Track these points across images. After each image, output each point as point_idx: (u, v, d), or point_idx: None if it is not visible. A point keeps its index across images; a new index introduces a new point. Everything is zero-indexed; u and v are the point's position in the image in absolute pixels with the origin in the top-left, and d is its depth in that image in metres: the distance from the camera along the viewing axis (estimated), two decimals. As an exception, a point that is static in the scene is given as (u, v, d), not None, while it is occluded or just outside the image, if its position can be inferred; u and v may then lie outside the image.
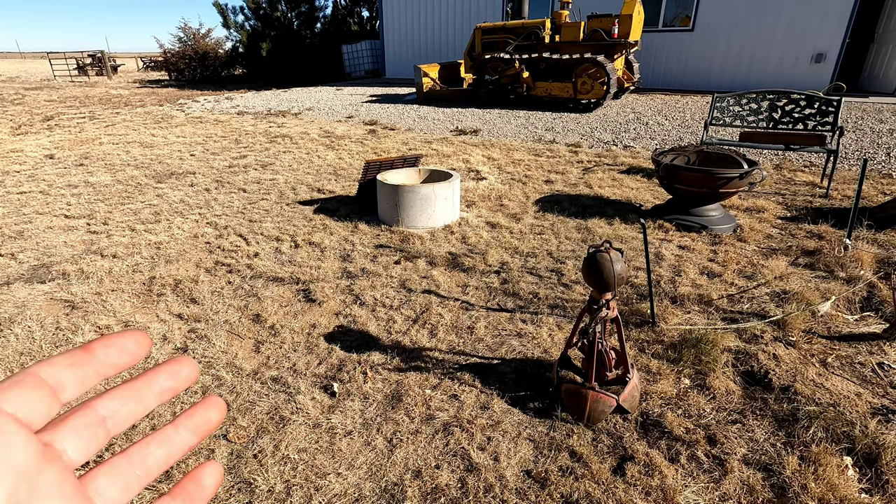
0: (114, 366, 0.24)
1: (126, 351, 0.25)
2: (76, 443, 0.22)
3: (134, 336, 0.25)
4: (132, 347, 0.25)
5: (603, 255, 1.58)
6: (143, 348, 0.25)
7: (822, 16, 8.91)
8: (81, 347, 0.24)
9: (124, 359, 0.24)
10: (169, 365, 0.26)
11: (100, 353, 0.24)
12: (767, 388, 1.87)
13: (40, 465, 0.20)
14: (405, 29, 14.28)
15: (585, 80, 7.66)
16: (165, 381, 0.26)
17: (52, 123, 8.24)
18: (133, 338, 0.25)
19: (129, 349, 0.25)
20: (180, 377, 0.26)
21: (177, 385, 0.26)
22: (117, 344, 0.24)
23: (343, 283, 2.71)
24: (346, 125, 7.73)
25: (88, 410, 0.23)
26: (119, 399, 0.24)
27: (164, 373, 0.26)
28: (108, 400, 0.24)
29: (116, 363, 0.24)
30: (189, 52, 17.75)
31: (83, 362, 0.23)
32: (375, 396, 1.86)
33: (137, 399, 0.25)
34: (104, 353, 0.24)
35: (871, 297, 2.47)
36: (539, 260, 2.97)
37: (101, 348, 0.24)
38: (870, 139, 5.59)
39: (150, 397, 0.25)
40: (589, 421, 1.69)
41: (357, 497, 1.47)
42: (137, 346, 0.25)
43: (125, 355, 0.25)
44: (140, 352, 0.25)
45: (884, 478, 1.48)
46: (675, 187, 3.33)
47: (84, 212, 3.86)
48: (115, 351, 0.24)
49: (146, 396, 0.25)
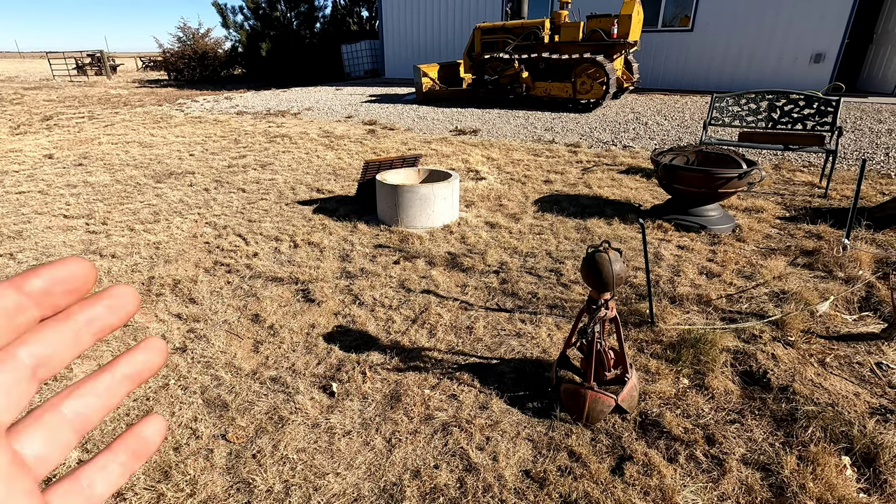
0: (55, 307, 0.21)
1: (71, 288, 0.21)
2: (3, 399, 0.19)
3: (76, 265, 0.21)
4: (77, 282, 0.21)
5: (602, 255, 1.58)
6: (89, 282, 0.22)
7: (821, 16, 8.92)
8: (10, 282, 0.20)
9: (68, 298, 0.21)
10: (105, 298, 0.22)
11: (36, 290, 0.20)
12: (766, 387, 1.87)
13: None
14: (404, 29, 14.28)
15: (585, 80, 7.66)
16: (104, 316, 0.22)
17: (51, 123, 8.23)
18: (74, 266, 0.21)
19: (75, 285, 0.21)
20: (120, 311, 0.23)
21: (114, 321, 0.22)
22: (59, 279, 0.21)
23: (342, 283, 2.71)
24: (345, 125, 7.72)
25: (12, 360, 0.20)
26: (47, 342, 0.21)
27: (102, 306, 0.22)
28: (33, 345, 0.20)
29: (58, 304, 0.21)
30: (188, 52, 17.73)
31: (15, 307, 0.19)
32: (374, 396, 1.86)
33: (71, 341, 0.21)
34: (43, 290, 0.20)
35: (869, 297, 2.47)
36: (538, 260, 2.97)
37: (35, 283, 0.20)
38: (868, 139, 5.60)
39: (85, 337, 0.22)
40: (588, 421, 1.69)
41: (356, 497, 1.47)
42: (84, 279, 0.21)
43: (69, 294, 0.21)
44: (85, 287, 0.21)
45: (882, 477, 1.48)
46: (674, 187, 3.33)
47: (83, 212, 3.86)
48: (55, 288, 0.20)
49: (80, 338, 0.21)
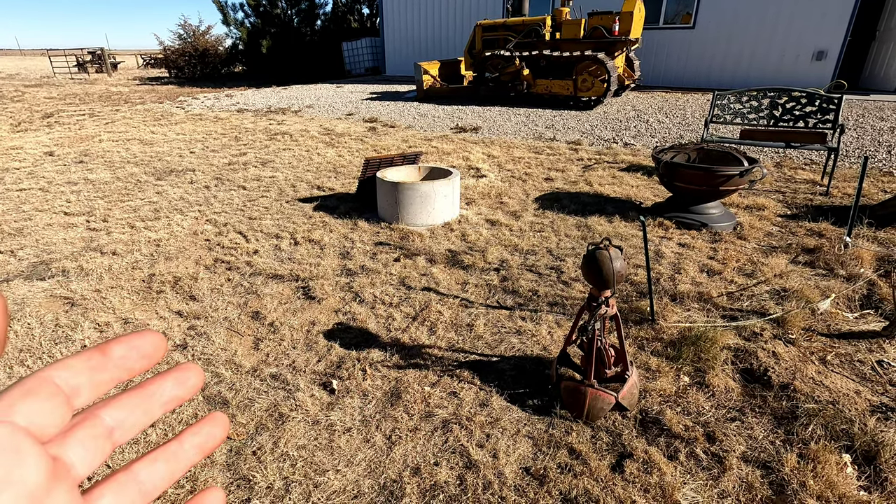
0: (129, 370, 0.23)
1: (143, 354, 0.23)
2: (83, 455, 0.21)
3: (151, 337, 0.24)
4: (149, 349, 0.24)
5: (602, 253, 1.58)
6: (159, 351, 0.24)
7: (823, 13, 8.89)
8: (97, 349, 0.23)
9: (141, 363, 0.23)
10: (176, 372, 0.25)
11: (116, 355, 0.23)
12: (767, 385, 1.87)
13: (50, 484, 0.19)
14: (405, 26, 14.25)
15: (586, 77, 7.64)
16: (172, 389, 0.25)
17: (51, 120, 8.23)
18: (150, 339, 0.24)
19: (146, 351, 0.24)
20: (187, 385, 0.25)
21: (183, 394, 0.25)
22: (134, 346, 0.23)
23: (342, 281, 2.71)
24: (346, 122, 7.71)
25: (95, 420, 0.22)
26: (126, 408, 0.23)
27: (171, 380, 0.25)
28: (115, 409, 0.23)
29: (132, 367, 0.23)
30: (189, 50, 17.72)
31: (100, 366, 0.22)
32: (374, 393, 1.86)
33: (144, 408, 0.24)
34: (120, 355, 0.23)
35: (871, 294, 2.46)
36: (539, 257, 2.97)
37: (117, 350, 0.23)
38: (871, 137, 5.58)
39: (156, 406, 0.24)
40: (588, 418, 1.69)
41: (356, 494, 1.47)
42: (154, 348, 0.24)
43: (142, 359, 0.23)
44: (156, 355, 0.24)
45: (882, 475, 1.48)
46: (675, 185, 3.32)
47: (84, 209, 3.86)
48: (132, 354, 0.23)
49: (152, 405, 0.24)
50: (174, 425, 1.73)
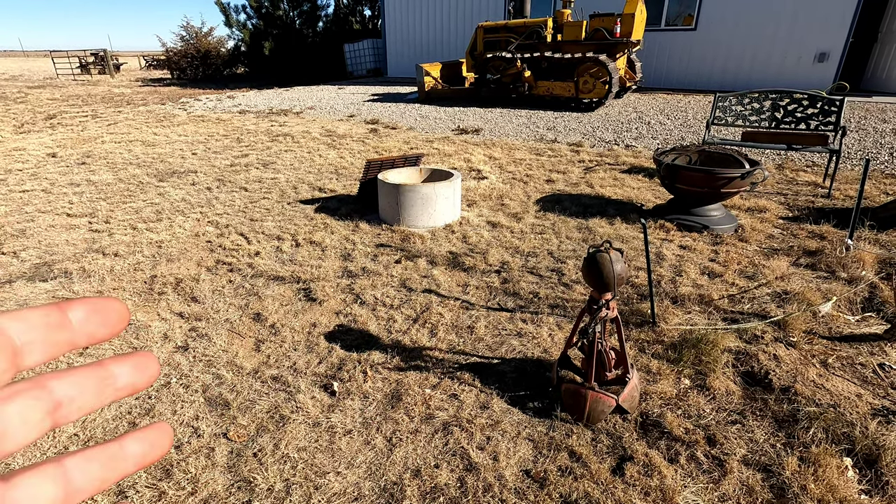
0: (89, 336, 0.21)
1: (106, 321, 0.21)
2: (19, 426, 0.18)
3: (115, 305, 0.22)
4: (113, 318, 0.22)
5: (603, 255, 1.58)
6: (122, 322, 0.22)
7: (825, 15, 8.88)
8: (56, 305, 0.20)
9: (102, 330, 0.21)
10: (135, 357, 0.23)
11: (77, 317, 0.20)
12: (768, 388, 1.87)
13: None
14: (407, 28, 14.27)
15: (587, 79, 7.64)
16: (130, 374, 0.22)
17: (54, 122, 8.26)
18: (114, 307, 0.22)
19: (110, 319, 0.21)
20: (146, 374, 0.23)
21: (139, 382, 0.23)
22: (98, 310, 0.21)
23: (344, 282, 2.72)
24: (347, 124, 7.73)
25: (41, 391, 0.19)
26: (79, 385, 0.20)
27: (130, 364, 0.23)
28: (67, 383, 0.20)
29: (93, 334, 0.21)
30: (191, 51, 17.77)
31: (59, 325, 0.20)
32: (375, 395, 1.87)
33: (97, 389, 0.21)
34: (81, 318, 0.21)
35: (872, 297, 2.46)
36: (540, 259, 2.97)
37: (78, 311, 0.21)
38: (873, 139, 5.57)
39: (110, 390, 0.22)
40: (588, 421, 1.69)
41: (356, 496, 1.47)
42: (119, 318, 0.22)
43: (103, 327, 0.21)
44: (119, 326, 0.22)
45: (884, 479, 1.47)
46: (676, 187, 3.32)
47: (86, 210, 3.87)
48: (95, 318, 0.21)
49: (106, 388, 0.21)
50: (175, 426, 1.73)
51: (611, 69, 7.33)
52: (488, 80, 8.73)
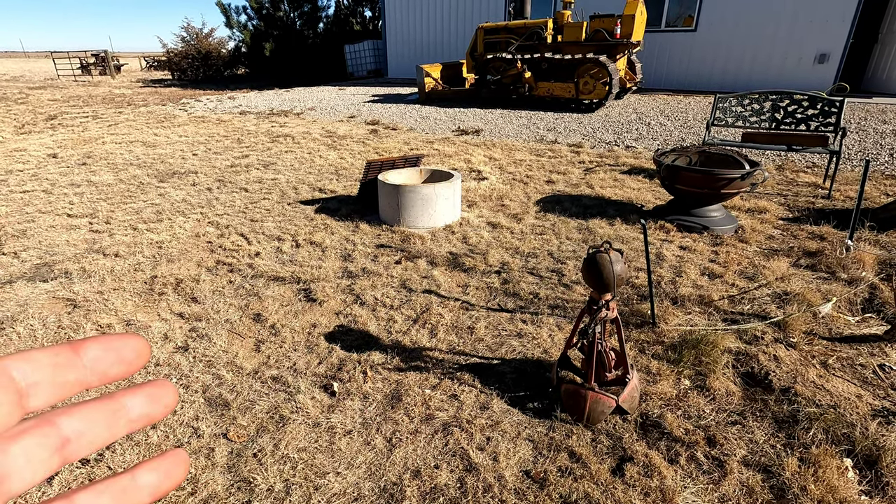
0: (102, 375, 0.20)
1: (121, 359, 0.21)
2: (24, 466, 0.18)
3: (133, 342, 0.21)
4: (129, 355, 0.21)
5: (603, 256, 1.58)
6: (141, 359, 0.21)
7: (825, 16, 8.88)
8: (70, 345, 0.20)
9: (117, 368, 0.21)
10: (149, 388, 0.22)
11: (89, 355, 0.20)
12: (768, 389, 1.87)
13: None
14: (407, 29, 14.29)
15: (587, 80, 7.65)
16: (143, 405, 0.21)
17: (55, 123, 8.27)
18: (132, 343, 0.21)
19: (126, 357, 0.21)
20: (160, 404, 0.22)
21: (155, 413, 0.22)
22: (113, 348, 0.21)
23: (344, 283, 2.72)
24: (347, 125, 7.73)
25: (49, 428, 0.19)
26: (88, 420, 0.20)
27: (144, 396, 0.22)
28: (75, 418, 0.20)
29: (106, 373, 0.20)
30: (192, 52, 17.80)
31: (68, 364, 0.19)
32: (375, 396, 1.87)
33: (108, 423, 0.20)
34: (95, 357, 0.20)
35: (872, 298, 2.46)
36: (540, 260, 2.97)
37: (92, 350, 0.20)
38: (873, 140, 5.57)
39: (122, 423, 0.21)
40: (588, 421, 1.69)
41: (356, 496, 1.47)
42: (136, 354, 0.21)
43: (118, 364, 0.21)
44: (137, 362, 0.21)
45: (884, 480, 1.47)
46: (676, 188, 3.32)
47: (86, 211, 3.87)
48: (109, 357, 0.20)
49: (118, 421, 0.21)
50: (175, 427, 1.73)
51: (611, 70, 7.33)
52: (488, 80, 8.74)
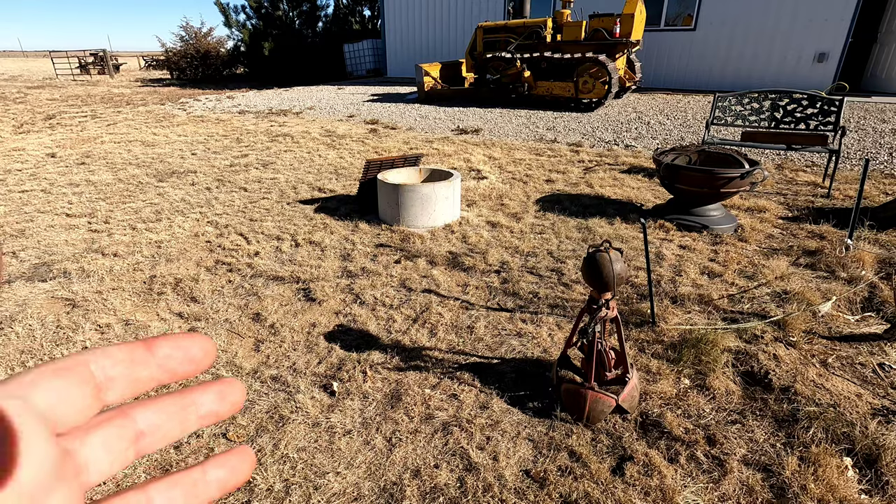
0: (172, 372, 0.21)
1: (190, 357, 0.21)
2: (102, 457, 0.18)
3: (201, 341, 0.22)
4: (197, 354, 0.21)
5: (602, 255, 1.58)
6: (209, 357, 0.22)
7: (824, 15, 8.88)
8: (143, 342, 0.20)
9: (186, 367, 0.21)
10: (219, 385, 0.23)
11: (161, 353, 0.21)
12: (767, 388, 1.87)
13: (52, 484, 0.16)
14: (407, 28, 14.27)
15: (587, 79, 7.64)
16: (212, 402, 0.22)
17: (53, 122, 8.26)
18: (200, 343, 0.22)
19: (194, 356, 0.21)
20: (227, 401, 0.23)
21: (222, 410, 0.23)
22: (182, 346, 0.21)
23: (343, 283, 2.71)
24: (347, 124, 7.73)
25: (125, 420, 0.20)
26: (163, 413, 0.21)
27: (213, 393, 0.22)
28: (151, 412, 0.20)
29: (175, 370, 0.21)
30: (191, 51, 17.76)
31: (142, 361, 0.20)
32: (375, 396, 1.86)
33: (181, 417, 0.21)
34: (165, 354, 0.21)
35: (872, 297, 2.46)
36: (539, 259, 2.97)
37: (163, 348, 0.21)
38: (872, 139, 5.57)
39: (193, 418, 0.21)
40: (588, 421, 1.69)
41: (356, 496, 1.47)
42: (204, 353, 0.22)
43: (187, 363, 0.21)
44: (205, 361, 0.22)
45: (884, 479, 1.47)
46: (676, 187, 3.32)
47: (85, 210, 3.87)
48: (178, 355, 0.21)
49: (189, 416, 0.21)
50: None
51: (610, 69, 7.33)
52: (488, 80, 8.73)
